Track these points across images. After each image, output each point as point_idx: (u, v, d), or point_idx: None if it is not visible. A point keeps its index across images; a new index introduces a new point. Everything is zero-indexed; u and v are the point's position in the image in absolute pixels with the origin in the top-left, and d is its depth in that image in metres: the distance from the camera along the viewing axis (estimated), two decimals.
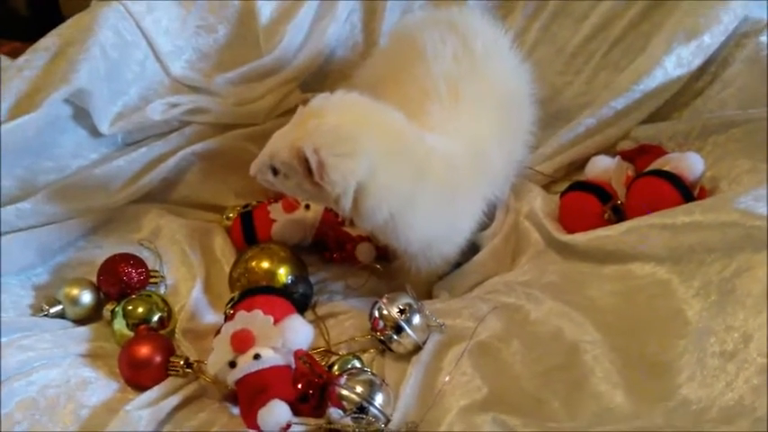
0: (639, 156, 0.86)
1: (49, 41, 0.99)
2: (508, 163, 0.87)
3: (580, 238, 0.80)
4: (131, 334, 0.75)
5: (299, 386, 0.67)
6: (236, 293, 0.74)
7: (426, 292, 0.86)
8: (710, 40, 0.91)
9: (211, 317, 0.80)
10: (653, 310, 0.71)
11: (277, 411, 0.61)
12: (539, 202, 0.89)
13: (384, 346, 0.74)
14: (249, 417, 0.63)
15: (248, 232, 0.88)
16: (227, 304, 0.75)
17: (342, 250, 0.89)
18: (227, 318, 0.72)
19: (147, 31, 1.05)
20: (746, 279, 0.65)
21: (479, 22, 0.90)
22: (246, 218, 0.89)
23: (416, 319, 0.73)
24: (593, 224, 0.81)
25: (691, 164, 0.78)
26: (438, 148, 0.76)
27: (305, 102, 0.79)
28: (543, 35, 1.08)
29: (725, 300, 0.66)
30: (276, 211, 0.89)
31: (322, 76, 1.14)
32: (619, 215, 0.81)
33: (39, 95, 0.92)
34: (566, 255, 0.83)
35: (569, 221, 0.83)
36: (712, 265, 0.69)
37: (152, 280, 0.83)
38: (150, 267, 0.84)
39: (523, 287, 0.80)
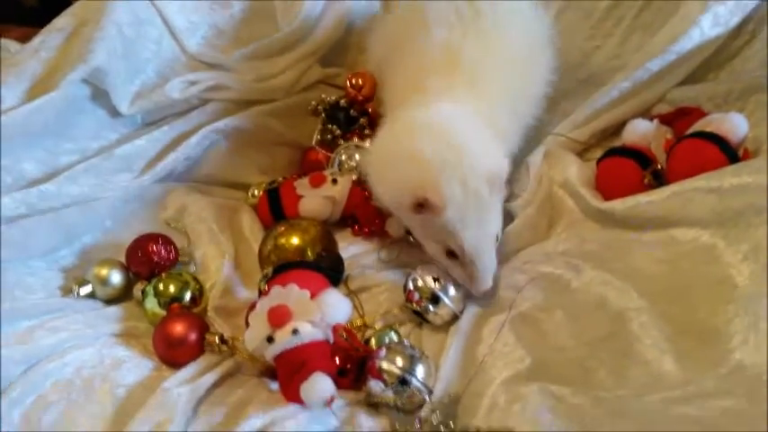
0: (678, 119, 0.83)
1: (63, 21, 0.97)
2: (523, 117, 0.84)
3: (619, 205, 0.77)
4: (163, 313, 0.73)
5: (338, 360, 0.66)
6: (270, 269, 0.72)
7: None
8: None
9: (243, 293, 0.79)
10: (700, 277, 0.69)
11: (320, 384, 0.60)
12: (573, 170, 0.86)
13: (420, 318, 0.72)
14: (290, 391, 0.62)
15: (275, 209, 0.86)
16: (260, 280, 0.73)
17: (371, 224, 0.87)
18: (262, 293, 0.71)
19: (162, 9, 1.04)
20: None
21: None
22: (273, 194, 0.87)
23: (452, 289, 0.71)
24: (632, 190, 0.77)
25: (734, 125, 0.75)
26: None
27: None
28: (569, 2, 1.04)
29: None
30: (303, 186, 0.87)
31: (342, 50, 1.11)
32: (659, 180, 0.78)
33: (56, 76, 0.91)
34: (604, 223, 0.80)
35: (607, 188, 0.81)
36: (760, 227, 0.67)
37: (181, 258, 0.81)
38: (178, 246, 0.82)
39: (562, 256, 0.77)
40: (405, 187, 0.69)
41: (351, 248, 0.86)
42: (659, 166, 0.79)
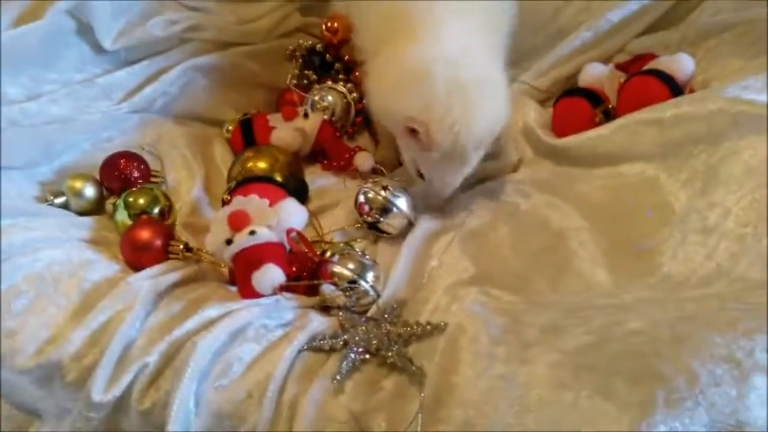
0: (632, 64, 0.87)
1: None
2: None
3: (572, 140, 0.82)
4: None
5: (293, 268, 0.70)
6: (233, 182, 0.75)
7: None
8: None
9: (211, 213, 0.82)
10: (640, 203, 0.73)
11: (271, 273, 0.64)
12: (532, 115, 0.90)
13: (377, 232, 0.76)
14: (245, 288, 0.66)
15: (248, 138, 0.90)
16: (224, 192, 0.77)
17: (340, 159, 0.91)
18: (224, 204, 0.74)
19: None
20: (730, 162, 0.67)
21: None
22: (246, 125, 0.91)
23: (402, 197, 0.75)
24: (584, 128, 0.82)
25: (681, 64, 0.79)
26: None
27: None
28: None
29: (708, 183, 0.68)
30: (275, 119, 0.91)
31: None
32: (610, 118, 0.82)
33: (42, 7, 0.94)
34: (558, 160, 0.84)
35: (562, 128, 0.85)
36: (699, 156, 0.71)
37: (153, 179, 0.85)
38: (152, 169, 0.86)
39: (515, 184, 0.81)
40: (406, 112, 0.71)
41: (318, 181, 0.90)
42: (610, 106, 0.83)
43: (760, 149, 0.65)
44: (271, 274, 0.64)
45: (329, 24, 1.02)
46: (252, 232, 0.67)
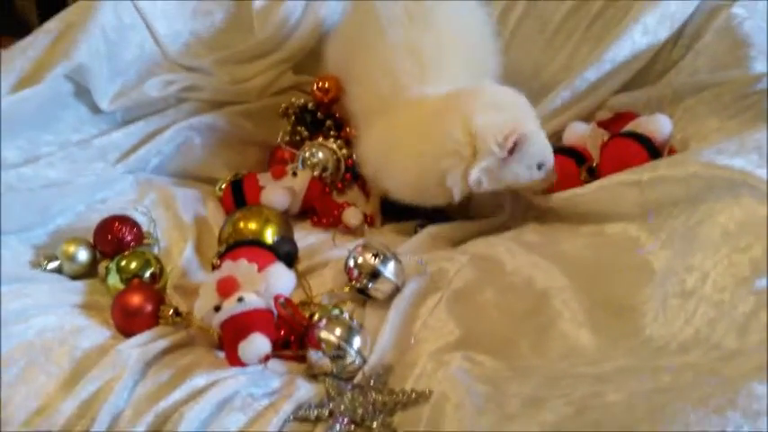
0: (614, 122, 0.90)
1: (52, 25, 1.05)
2: None
3: (556, 198, 0.84)
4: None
5: (282, 333, 0.71)
6: (223, 246, 0.77)
7: None
8: (675, 8, 0.94)
9: (202, 276, 0.84)
10: (621, 261, 0.74)
11: (257, 342, 0.64)
12: None
13: (364, 296, 0.77)
14: (233, 355, 0.67)
15: (238, 198, 0.92)
16: (214, 256, 0.78)
17: (329, 216, 0.93)
18: (214, 268, 0.76)
19: (146, 16, 1.11)
20: (707, 225, 0.68)
21: None
22: (236, 185, 0.93)
23: (391, 263, 0.76)
24: (570, 186, 0.84)
25: (659, 125, 0.82)
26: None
27: None
28: (529, 10, 1.11)
29: (687, 245, 0.69)
30: (265, 178, 0.93)
31: (315, 59, 1.18)
32: (594, 176, 0.84)
33: (41, 72, 0.97)
34: (544, 217, 0.86)
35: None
36: (678, 217, 0.72)
37: (146, 241, 0.86)
38: (145, 231, 0.87)
39: (503, 242, 0.83)
40: (496, 134, 0.76)
41: (309, 238, 0.92)
42: (594, 164, 0.85)
43: (736, 213, 0.66)
44: (257, 345, 0.65)
45: (320, 84, 1.05)
46: (240, 299, 0.68)
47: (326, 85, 1.05)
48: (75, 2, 1.10)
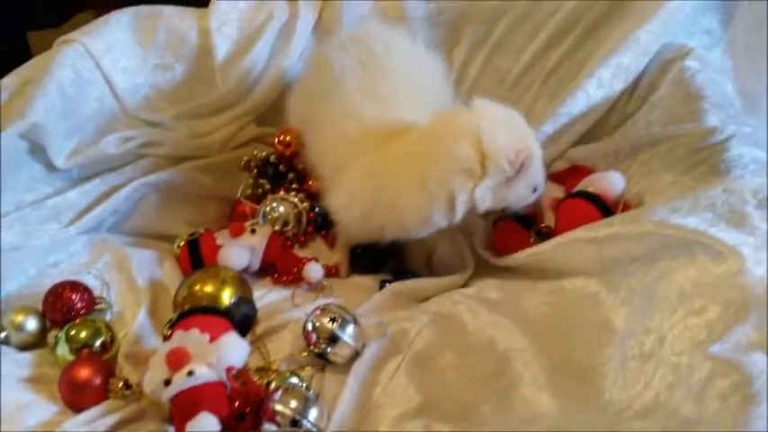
0: (569, 176, 0.91)
1: (8, 81, 1.03)
2: None
3: (515, 258, 0.84)
4: (73, 358, 0.75)
5: (236, 404, 0.68)
6: (174, 315, 0.75)
7: None
8: (629, 61, 0.96)
9: (155, 342, 0.81)
10: (581, 319, 0.74)
11: (205, 423, 0.62)
12: (479, 233, 0.93)
13: (322, 360, 0.75)
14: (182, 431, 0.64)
15: (195, 259, 0.90)
16: (165, 325, 0.76)
17: (289, 273, 0.91)
18: (166, 338, 0.73)
19: (105, 70, 1.10)
20: (664, 284, 0.68)
21: (378, 27, 0.99)
22: (193, 245, 0.91)
23: (350, 327, 0.74)
24: (519, 248, 0.84)
25: (611, 182, 0.83)
26: None
27: None
28: (486, 67, 1.13)
29: (645, 305, 0.68)
30: (222, 236, 0.91)
31: (278, 109, 1.18)
32: (543, 238, 0.85)
33: None
34: (504, 275, 0.86)
35: (499, 247, 0.88)
36: (635, 274, 0.72)
37: (97, 307, 0.84)
38: (97, 295, 0.85)
39: (464, 299, 0.82)
40: (508, 151, 0.77)
41: (269, 296, 0.90)
42: (543, 225, 0.86)
43: (691, 272, 0.66)
44: (204, 426, 0.62)
45: (282, 138, 1.05)
46: (190, 372, 0.66)
47: (288, 139, 1.04)
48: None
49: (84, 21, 1.20)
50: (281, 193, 1.03)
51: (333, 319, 0.74)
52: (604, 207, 0.80)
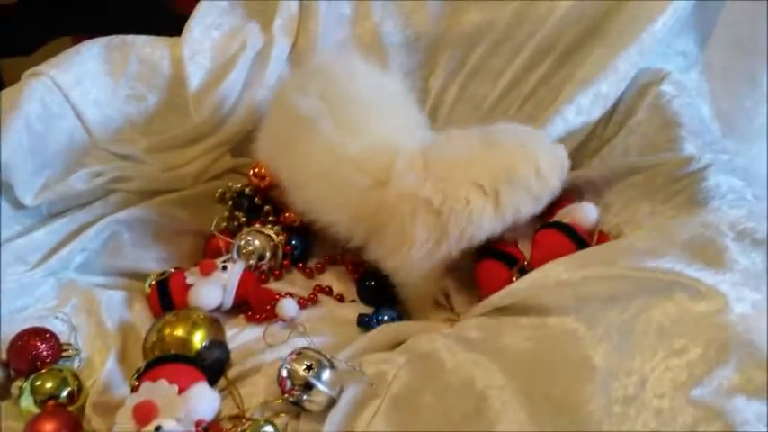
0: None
1: None
2: None
3: (494, 298, 0.82)
4: (38, 411, 0.72)
5: None
6: (142, 364, 0.72)
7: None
8: (608, 88, 0.95)
9: (125, 389, 0.78)
10: (561, 355, 0.72)
11: None
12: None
13: (297, 407, 0.73)
14: None
15: (165, 300, 0.87)
16: (132, 375, 0.73)
17: (263, 310, 0.88)
18: (133, 389, 0.71)
19: (75, 103, 1.07)
20: (643, 320, 0.66)
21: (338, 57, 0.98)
22: (162, 285, 0.88)
23: (326, 374, 0.72)
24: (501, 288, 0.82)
25: (585, 214, 0.82)
26: None
27: None
28: (462, 93, 1.12)
29: (625, 343, 0.67)
30: (193, 275, 0.89)
31: (252, 141, 1.15)
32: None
33: None
34: (485, 314, 0.84)
35: (486, 286, 0.85)
36: (612, 309, 0.71)
37: (65, 354, 0.81)
38: (65, 341, 0.82)
39: (445, 338, 0.80)
40: (559, 170, 0.82)
41: (242, 335, 0.87)
42: (525, 262, 0.84)
43: (670, 309, 0.65)
44: None
45: (256, 170, 1.02)
46: (158, 428, 0.63)
47: (262, 171, 1.02)
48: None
49: (62, 46, 1.19)
50: (257, 225, 1.00)
51: (308, 367, 0.71)
52: (579, 239, 0.80)
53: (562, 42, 1.04)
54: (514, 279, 0.83)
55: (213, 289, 0.87)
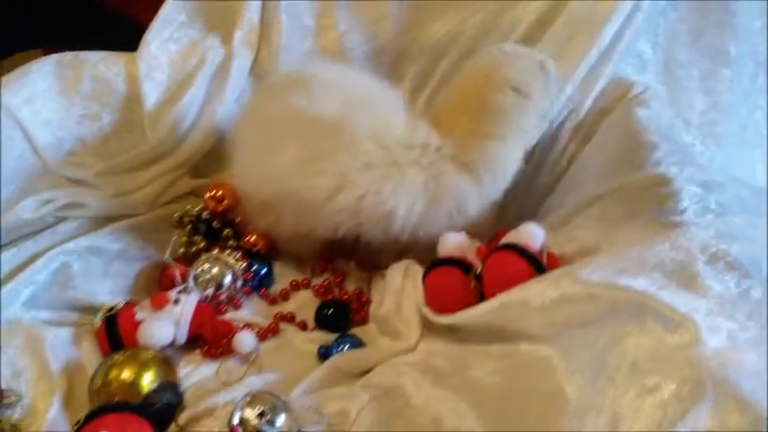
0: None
1: None
2: None
3: (459, 317, 0.78)
4: None
5: None
6: (82, 415, 0.67)
7: None
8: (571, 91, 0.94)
9: None
10: (533, 387, 0.68)
11: None
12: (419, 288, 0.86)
13: None
14: None
15: (113, 338, 0.81)
16: (72, 427, 0.68)
17: (219, 345, 0.84)
18: None
19: (25, 124, 1.02)
20: (616, 353, 0.62)
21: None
22: (110, 322, 0.83)
23: (281, 419, 0.67)
24: (461, 297, 0.79)
25: (530, 234, 0.78)
26: None
27: None
28: (429, 107, 1.09)
29: (597, 376, 0.63)
30: (143, 310, 0.83)
31: (213, 160, 1.11)
32: (482, 283, 0.79)
33: None
34: (450, 336, 0.80)
35: (438, 300, 0.81)
36: (586, 338, 0.67)
37: (6, 401, 0.75)
38: (6, 386, 0.76)
39: (408, 368, 0.76)
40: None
41: (197, 373, 0.82)
42: (479, 271, 0.80)
43: (643, 341, 0.61)
44: None
45: (214, 192, 0.98)
46: None
47: (220, 194, 0.98)
48: None
49: (30, 58, 1.13)
50: (216, 251, 0.96)
51: (261, 414, 0.67)
52: (533, 259, 0.76)
53: None
54: (473, 286, 0.79)
55: (164, 325, 0.82)
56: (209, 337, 0.84)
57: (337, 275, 0.97)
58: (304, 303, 0.95)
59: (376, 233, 0.89)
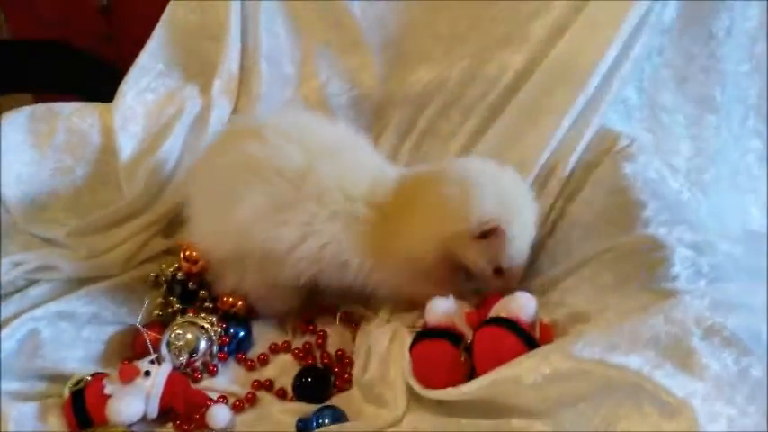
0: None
1: None
2: None
3: (451, 393, 0.73)
4: None
5: None
6: None
7: None
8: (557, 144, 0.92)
9: None
10: None
11: None
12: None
13: None
14: None
15: (80, 414, 0.76)
16: None
17: (192, 420, 0.79)
18: None
19: None
20: None
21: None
22: (78, 397, 0.78)
23: None
24: (451, 371, 0.75)
25: (521, 304, 0.75)
26: None
27: None
28: (415, 155, 1.06)
29: None
30: (112, 383, 0.78)
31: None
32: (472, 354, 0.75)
33: None
34: (439, 410, 0.75)
35: (426, 373, 0.76)
36: (580, 417, 0.63)
37: None
38: None
39: None
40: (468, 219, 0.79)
41: None
42: (470, 341, 0.77)
43: (634, 422, 0.58)
44: None
45: (188, 253, 0.94)
46: None
47: (195, 254, 0.94)
48: None
49: (19, 103, 1.14)
50: (190, 315, 0.91)
51: None
52: (525, 335, 0.72)
53: (515, 102, 0.99)
54: (463, 359, 0.75)
55: (134, 400, 0.77)
56: (181, 411, 0.80)
57: (319, 336, 0.93)
58: (284, 368, 0.90)
59: (332, 280, 0.87)
